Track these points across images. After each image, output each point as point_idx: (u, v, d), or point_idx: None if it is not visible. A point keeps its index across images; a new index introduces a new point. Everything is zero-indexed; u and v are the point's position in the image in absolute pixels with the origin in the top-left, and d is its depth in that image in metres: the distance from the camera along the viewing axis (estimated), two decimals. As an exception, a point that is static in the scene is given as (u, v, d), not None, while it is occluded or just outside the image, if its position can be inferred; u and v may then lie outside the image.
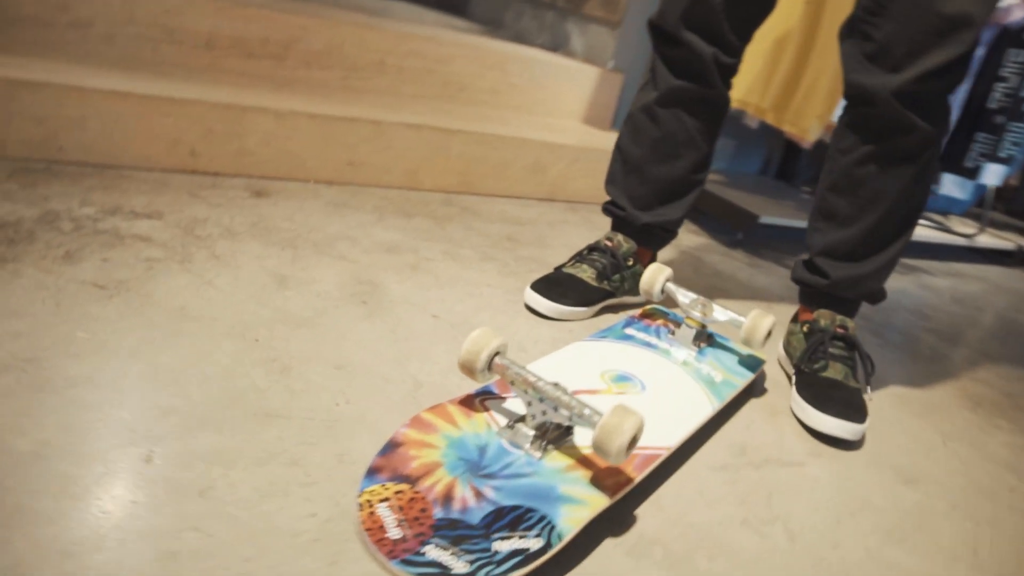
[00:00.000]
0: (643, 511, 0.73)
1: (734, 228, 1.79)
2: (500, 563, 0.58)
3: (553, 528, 0.62)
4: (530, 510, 0.63)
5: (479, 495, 0.64)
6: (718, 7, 1.01)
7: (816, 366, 1.03)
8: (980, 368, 1.42)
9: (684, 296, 1.04)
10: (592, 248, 1.19)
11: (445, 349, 0.95)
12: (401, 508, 0.62)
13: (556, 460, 0.70)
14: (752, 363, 1.02)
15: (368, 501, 0.62)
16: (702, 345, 1.02)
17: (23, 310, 0.80)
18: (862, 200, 1.01)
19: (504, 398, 0.79)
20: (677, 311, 1.14)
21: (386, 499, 0.63)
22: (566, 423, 0.69)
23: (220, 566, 0.55)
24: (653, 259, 1.24)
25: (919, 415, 1.12)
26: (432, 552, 0.59)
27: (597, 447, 0.65)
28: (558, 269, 1.17)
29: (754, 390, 1.05)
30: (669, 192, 1.15)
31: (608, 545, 0.68)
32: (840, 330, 1.06)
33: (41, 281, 0.86)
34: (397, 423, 0.75)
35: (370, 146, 1.46)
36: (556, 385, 0.71)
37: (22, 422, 0.64)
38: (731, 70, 1.09)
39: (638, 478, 0.71)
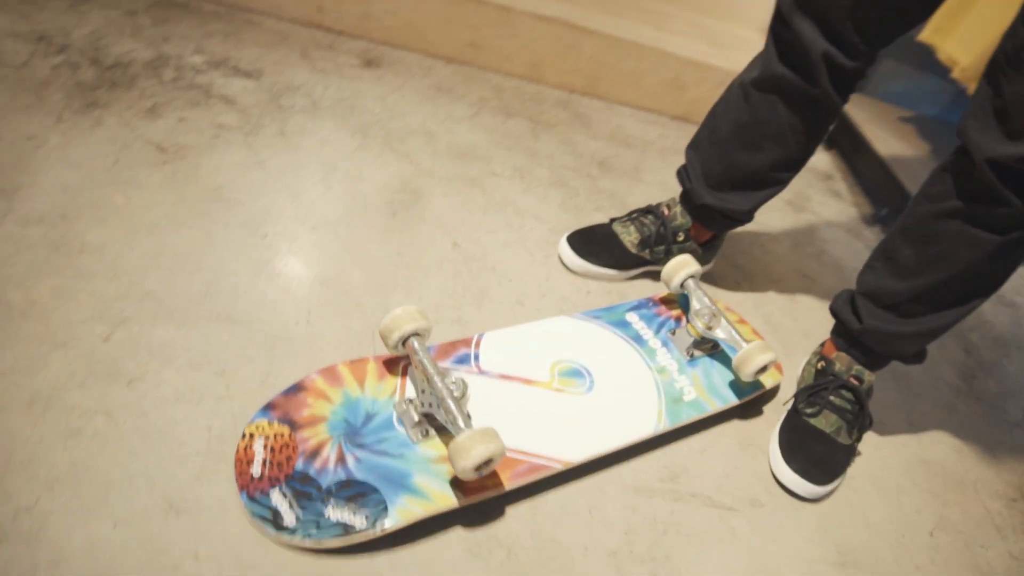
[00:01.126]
0: (513, 512, 0.77)
1: (880, 201, 1.55)
2: (322, 528, 0.66)
3: (384, 514, 0.68)
4: (375, 490, 0.69)
5: (340, 460, 0.71)
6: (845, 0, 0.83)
7: (809, 410, 0.94)
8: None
9: (698, 300, 0.97)
10: (647, 211, 1.12)
11: (439, 285, 0.98)
12: (272, 449, 0.71)
13: (431, 449, 0.74)
14: (746, 388, 0.96)
15: (251, 433, 0.71)
16: (696, 354, 0.97)
17: (85, 163, 0.94)
18: (930, 256, 0.85)
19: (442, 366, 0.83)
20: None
21: (266, 436, 0.71)
22: (442, 423, 0.72)
23: (108, 455, 0.67)
24: (715, 239, 1.14)
25: (922, 492, 1.00)
26: (275, 497, 0.67)
27: (449, 458, 0.68)
28: (618, 219, 1.12)
29: (745, 411, 0.99)
30: (743, 180, 1.03)
31: (455, 535, 0.73)
32: (853, 380, 0.95)
33: (115, 135, 0.99)
34: (339, 357, 0.83)
35: (494, 31, 1.41)
36: (454, 382, 0.73)
37: (27, 277, 0.79)
38: (849, 74, 0.91)
39: (508, 487, 0.74)
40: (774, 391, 1.03)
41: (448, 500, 0.70)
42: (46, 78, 1.03)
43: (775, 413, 1.00)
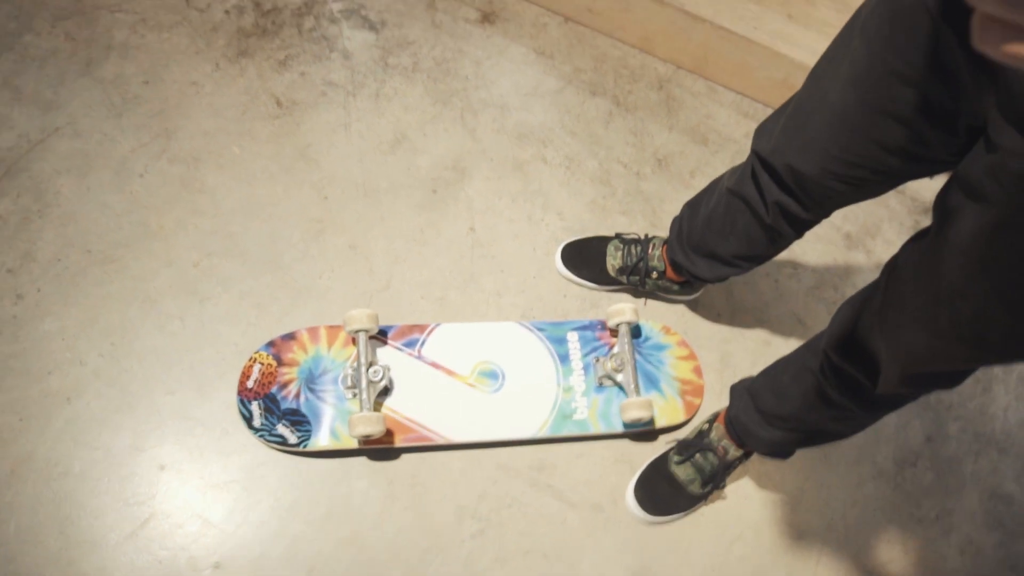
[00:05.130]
0: (406, 457, 1.16)
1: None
2: (272, 435, 1.10)
3: (308, 439, 1.10)
4: (308, 422, 1.11)
5: (297, 396, 1.13)
6: (813, 166, 0.91)
7: (677, 458, 1.19)
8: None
9: (619, 346, 1.21)
10: (639, 241, 1.30)
11: (439, 265, 1.30)
12: (263, 373, 1.14)
13: (354, 406, 1.13)
14: (633, 424, 1.21)
15: (255, 358, 1.15)
16: (606, 383, 1.23)
17: (223, 111, 1.33)
18: (788, 401, 1.02)
19: (385, 344, 1.19)
20: (647, 337, 1.28)
21: (262, 363, 1.15)
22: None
23: (174, 347, 1.15)
24: (687, 283, 1.30)
25: (757, 548, 1.22)
26: (254, 406, 1.12)
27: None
28: (615, 238, 1.33)
29: (642, 435, 1.25)
30: (710, 255, 1.17)
31: (359, 461, 1.14)
32: (720, 449, 1.16)
33: (249, 86, 1.36)
34: (334, 315, 1.21)
35: (611, 3, 1.51)
36: (376, 370, 1.10)
37: (163, 207, 1.23)
38: (803, 221, 1.00)
39: (395, 444, 1.13)
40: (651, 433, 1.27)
41: (351, 443, 1.11)
42: (218, 23, 1.40)
43: (666, 442, 1.26)
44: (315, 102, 1.38)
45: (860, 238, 1.51)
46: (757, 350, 1.36)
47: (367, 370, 1.10)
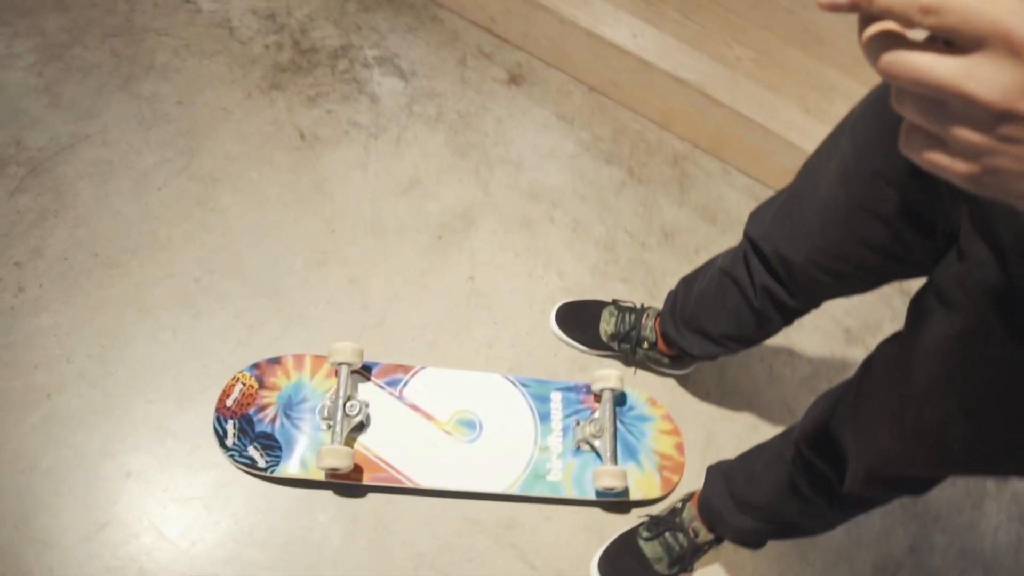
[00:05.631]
0: (373, 497, 1.15)
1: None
2: (242, 455, 1.10)
3: (276, 465, 1.10)
4: (280, 448, 1.11)
5: (274, 420, 1.14)
6: (802, 255, 0.92)
7: (646, 534, 1.16)
8: None
9: (600, 412, 1.20)
10: (635, 310, 1.31)
11: (435, 309, 1.31)
12: (243, 394, 1.15)
13: (326, 437, 1.13)
14: (605, 492, 1.20)
15: (238, 378, 1.16)
16: (584, 447, 1.21)
17: (248, 138, 1.38)
18: (770, 500, 1.00)
19: (367, 381, 1.19)
20: (630, 409, 1.27)
21: (244, 384, 1.16)
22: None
23: (162, 356, 1.16)
24: (677, 358, 1.30)
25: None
26: (229, 425, 1.13)
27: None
28: (611, 304, 1.34)
29: (614, 504, 1.23)
30: (700, 331, 1.18)
31: (325, 494, 1.14)
32: (691, 531, 1.14)
33: (277, 117, 1.41)
34: (322, 345, 1.22)
35: (632, 78, 1.56)
36: (352, 404, 1.10)
37: (175, 219, 1.27)
38: (791, 309, 1.00)
39: (363, 482, 1.12)
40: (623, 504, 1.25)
41: (319, 475, 1.11)
42: (257, 56, 1.47)
43: (637, 518, 1.23)
44: (337, 139, 1.42)
45: (860, 334, 1.50)
46: (743, 434, 1.34)
47: (344, 403, 1.11)
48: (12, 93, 1.32)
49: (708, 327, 1.14)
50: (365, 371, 1.20)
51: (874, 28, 0.34)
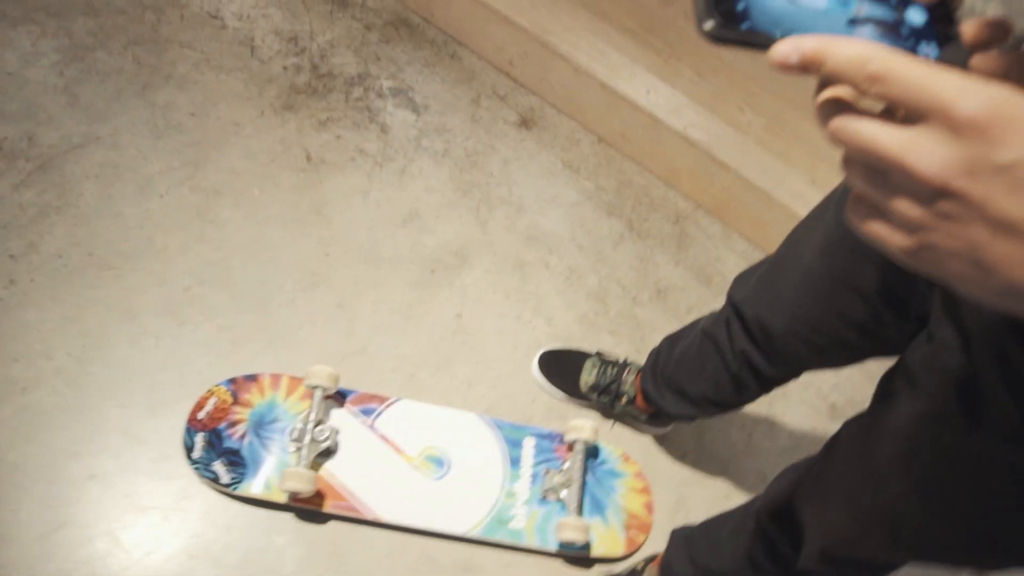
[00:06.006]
0: (334, 525, 1.14)
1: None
2: (207, 469, 1.11)
3: (239, 483, 1.10)
4: (245, 466, 1.12)
5: (243, 437, 1.14)
6: (782, 319, 0.92)
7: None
8: None
9: (571, 462, 1.19)
10: (618, 364, 1.30)
11: (418, 343, 1.32)
12: (216, 407, 1.16)
13: (293, 459, 1.13)
14: (567, 545, 1.18)
15: (213, 391, 1.17)
16: (551, 497, 1.20)
17: (256, 155, 1.40)
18: (729, 570, 0.99)
19: (341, 407, 1.20)
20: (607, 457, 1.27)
21: (218, 397, 1.16)
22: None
23: (145, 362, 1.17)
24: (655, 416, 1.29)
25: None
26: (198, 438, 1.13)
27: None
28: (595, 355, 1.34)
29: (578, 560, 1.22)
30: (679, 391, 1.17)
31: (286, 516, 1.13)
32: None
33: (286, 137, 1.44)
34: (301, 366, 1.23)
35: (642, 133, 1.58)
36: (322, 430, 1.11)
37: (172, 228, 1.29)
38: (767, 378, 1.00)
39: (324, 509, 1.12)
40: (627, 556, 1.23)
41: (280, 497, 1.10)
42: (274, 75, 1.50)
43: (599, 572, 1.22)
44: (343, 165, 1.44)
45: (845, 410, 1.48)
46: (716, 501, 1.33)
47: (314, 427, 1.11)
48: (32, 89, 1.35)
49: (687, 387, 1.14)
50: (340, 397, 1.20)
51: (827, 92, 0.34)
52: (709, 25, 0.33)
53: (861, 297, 0.79)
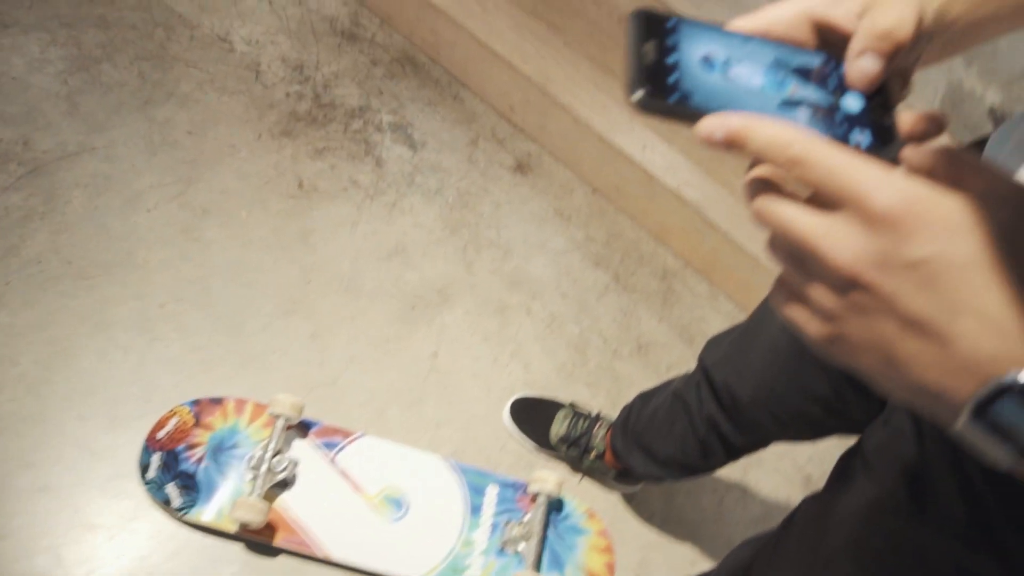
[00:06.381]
0: (284, 559, 1.12)
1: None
2: (159, 491, 1.09)
3: (190, 509, 1.08)
4: (198, 492, 1.10)
5: (199, 461, 1.12)
6: (754, 386, 0.90)
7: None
8: None
9: (532, 514, 1.17)
10: (590, 417, 1.29)
11: (392, 379, 1.31)
12: (177, 428, 1.14)
13: (247, 487, 1.11)
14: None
15: (175, 411, 1.15)
16: (509, 550, 1.18)
17: (248, 177, 1.41)
18: None
19: (304, 438, 1.18)
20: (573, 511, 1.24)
21: (180, 418, 1.15)
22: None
23: (109, 375, 1.16)
24: (623, 473, 1.27)
25: None
26: (154, 458, 1.11)
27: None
28: (568, 407, 1.32)
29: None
30: (646, 450, 1.15)
31: (236, 546, 1.11)
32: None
33: (279, 162, 1.45)
34: (275, 391, 1.22)
35: (637, 188, 1.58)
36: (279, 460, 1.09)
37: (155, 243, 1.29)
38: (737, 445, 0.99)
39: (275, 543, 1.09)
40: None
41: (231, 527, 1.08)
42: (276, 101, 1.51)
43: (550, 634, 1.19)
44: (334, 195, 1.45)
45: (819, 483, 1.45)
46: (680, 567, 1.30)
47: (272, 457, 1.09)
48: (34, 95, 1.37)
49: (655, 448, 1.12)
50: (304, 428, 1.18)
51: (756, 171, 0.34)
52: (638, 95, 0.33)
53: (825, 374, 0.78)
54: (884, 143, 0.35)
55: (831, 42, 0.38)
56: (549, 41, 1.65)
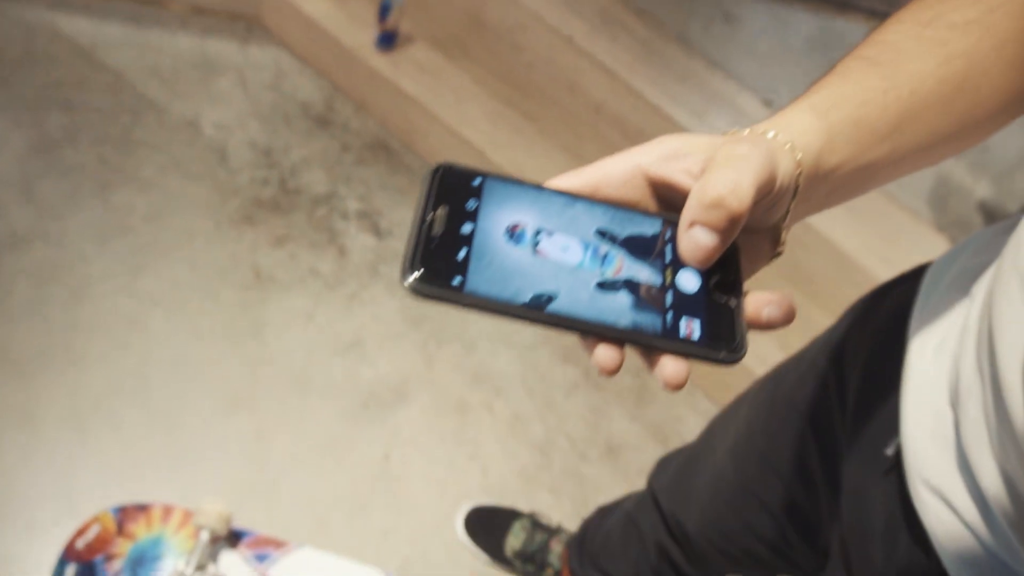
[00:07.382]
0: None
1: None
2: (69, 610, 1.01)
3: (101, 629, 1.00)
4: (112, 610, 1.02)
5: (116, 573, 1.05)
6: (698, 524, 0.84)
7: None
8: None
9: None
10: (550, 530, 1.21)
11: (339, 483, 1.24)
12: (98, 537, 1.07)
13: (167, 608, 1.04)
14: None
15: (98, 518, 1.09)
16: None
17: (201, 268, 1.38)
18: None
19: (235, 548, 1.11)
20: None
21: (102, 526, 1.08)
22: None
23: (28, 472, 1.10)
24: None
25: None
26: (68, 569, 1.04)
27: None
28: (527, 517, 1.24)
29: None
30: (603, 570, 1.07)
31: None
32: None
33: (236, 252, 1.42)
34: (210, 494, 1.15)
35: (608, 281, 1.54)
36: (198, 571, 1.02)
37: (97, 328, 1.24)
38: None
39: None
40: None
41: (143, 650, 1.00)
42: (240, 187, 1.50)
43: None
44: (291, 285, 1.41)
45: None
46: None
47: (194, 572, 1.02)
48: (-11, 180, 1.36)
49: (610, 569, 1.05)
50: (236, 537, 1.11)
51: None
52: (409, 279, 0.29)
53: (768, 512, 0.72)
54: (720, 333, 0.30)
55: (674, 203, 0.33)
56: (522, 130, 1.64)
